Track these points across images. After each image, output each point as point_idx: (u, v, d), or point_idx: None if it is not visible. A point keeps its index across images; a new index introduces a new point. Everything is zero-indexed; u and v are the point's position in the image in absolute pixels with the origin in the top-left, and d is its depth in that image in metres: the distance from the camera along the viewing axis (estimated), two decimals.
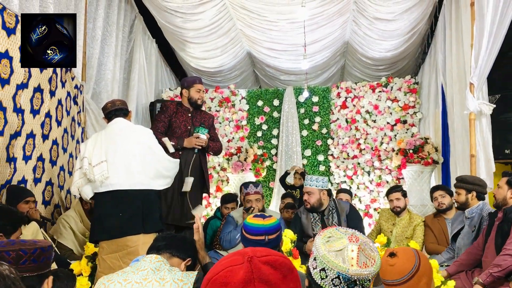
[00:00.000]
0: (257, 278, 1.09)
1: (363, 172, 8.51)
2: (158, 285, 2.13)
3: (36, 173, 4.43)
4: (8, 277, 1.00)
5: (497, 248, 3.64)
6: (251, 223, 2.52)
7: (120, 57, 6.77)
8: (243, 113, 8.99)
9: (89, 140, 3.65)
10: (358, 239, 1.58)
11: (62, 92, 4.94)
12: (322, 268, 1.54)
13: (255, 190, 4.65)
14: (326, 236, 1.62)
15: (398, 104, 8.40)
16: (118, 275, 2.23)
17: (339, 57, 8.81)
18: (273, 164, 8.85)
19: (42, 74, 4.42)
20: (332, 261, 1.52)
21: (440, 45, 6.80)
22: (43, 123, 4.51)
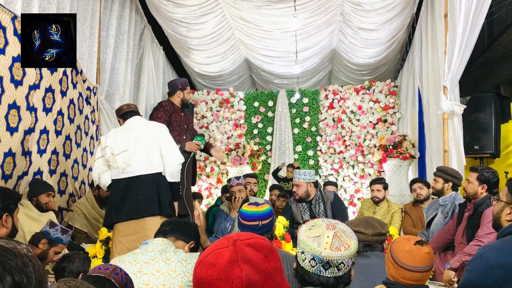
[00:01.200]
0: (240, 259, 1.11)
1: (348, 165, 8.53)
2: (165, 265, 2.14)
3: (51, 165, 4.43)
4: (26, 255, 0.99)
5: (468, 237, 3.65)
6: (246, 210, 2.53)
7: (131, 62, 6.75)
8: (241, 113, 8.99)
9: (110, 133, 3.67)
10: (335, 227, 1.62)
11: (73, 92, 4.93)
12: (302, 251, 1.61)
13: (237, 182, 4.79)
14: (310, 225, 1.67)
15: (379, 105, 8.42)
16: (129, 256, 2.24)
17: (327, 63, 8.82)
18: (268, 158, 8.86)
19: (53, 76, 4.41)
20: (309, 244, 1.59)
21: (417, 52, 6.81)
22: (56, 120, 4.50)
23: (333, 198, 4.55)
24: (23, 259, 0.98)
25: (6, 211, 2.44)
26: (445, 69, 5.08)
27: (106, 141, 3.61)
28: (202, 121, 8.96)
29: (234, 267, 1.09)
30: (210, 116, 8.99)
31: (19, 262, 0.96)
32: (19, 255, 0.98)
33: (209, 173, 8.87)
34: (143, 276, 2.11)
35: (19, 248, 1.01)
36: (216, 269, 1.10)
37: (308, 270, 1.59)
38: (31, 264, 0.99)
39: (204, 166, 8.89)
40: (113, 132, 3.68)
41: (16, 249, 1.00)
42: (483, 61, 6.74)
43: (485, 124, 6.08)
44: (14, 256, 0.94)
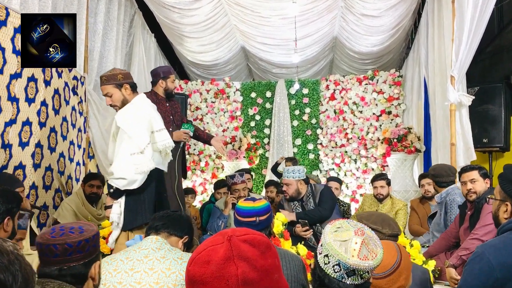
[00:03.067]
0: (236, 255, 1.11)
1: (350, 160, 8.54)
2: (159, 263, 2.15)
3: (35, 159, 4.42)
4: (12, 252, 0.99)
5: None
6: (242, 206, 2.55)
7: (121, 50, 6.73)
8: (237, 104, 8.99)
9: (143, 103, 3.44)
10: (364, 233, 1.62)
11: (59, 82, 4.91)
12: (326, 254, 1.61)
13: (241, 180, 4.73)
14: (336, 226, 1.67)
15: (383, 96, 8.42)
16: (121, 253, 2.25)
17: (328, 51, 8.81)
18: (266, 152, 8.86)
19: None
20: (335, 249, 1.58)
21: (423, 40, 6.81)
22: (39, 111, 4.49)
23: (322, 190, 4.54)
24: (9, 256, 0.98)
25: (9, 215, 2.46)
26: (453, 58, 5.09)
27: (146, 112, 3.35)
28: (196, 112, 8.95)
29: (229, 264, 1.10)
30: (205, 107, 8.98)
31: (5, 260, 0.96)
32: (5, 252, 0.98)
33: (203, 167, 8.87)
34: (135, 274, 2.12)
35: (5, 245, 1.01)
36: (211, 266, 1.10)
37: (329, 275, 1.60)
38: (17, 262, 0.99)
39: (198, 161, 8.89)
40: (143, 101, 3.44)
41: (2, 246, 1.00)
42: (493, 50, 6.75)
43: (494, 116, 6.09)
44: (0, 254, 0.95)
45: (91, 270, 1.77)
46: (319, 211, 4.35)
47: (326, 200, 4.45)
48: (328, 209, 4.39)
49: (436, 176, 4.53)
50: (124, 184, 3.18)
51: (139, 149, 3.20)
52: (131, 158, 3.18)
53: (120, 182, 3.18)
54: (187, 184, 8.48)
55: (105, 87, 3.41)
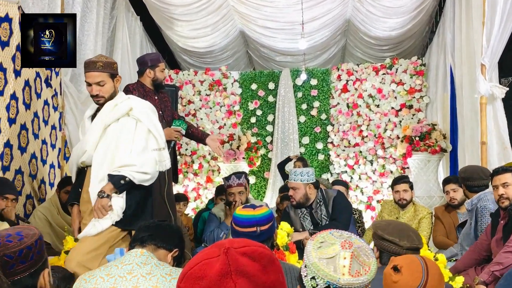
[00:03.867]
0: (234, 271, 1.10)
1: (365, 161, 8.54)
2: (144, 280, 2.14)
3: (4, 161, 4.40)
4: None
5: None
6: (241, 214, 2.53)
7: (102, 35, 6.71)
8: (236, 97, 8.98)
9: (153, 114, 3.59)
10: (352, 244, 1.58)
11: (29, 72, 4.89)
12: (312, 276, 1.56)
13: (237, 182, 4.65)
14: (319, 242, 1.63)
15: (403, 88, 8.41)
16: (100, 270, 2.24)
17: (340, 36, 8.80)
18: (268, 152, 8.86)
19: (4, 52, 4.37)
20: (322, 269, 1.54)
21: (449, 23, 6.79)
22: (9, 105, 4.46)
23: (335, 197, 4.50)
24: None
25: None
26: (483, 44, 5.07)
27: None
28: (189, 107, 8.95)
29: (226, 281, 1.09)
30: (198, 101, 8.98)
31: None
32: None
33: (197, 170, 8.87)
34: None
35: None
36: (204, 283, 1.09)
37: None
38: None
39: (191, 162, 8.89)
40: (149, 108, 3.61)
41: None
42: None
43: None
44: None
45: (39, 280, 1.75)
46: (334, 226, 4.29)
47: (341, 210, 4.40)
48: (344, 221, 4.35)
49: (466, 179, 4.50)
50: (143, 179, 3.32)
51: (158, 145, 3.44)
52: (154, 154, 3.40)
53: (140, 176, 3.29)
54: (178, 189, 8.48)
55: (100, 74, 3.47)
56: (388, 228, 2.68)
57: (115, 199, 3.27)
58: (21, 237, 1.74)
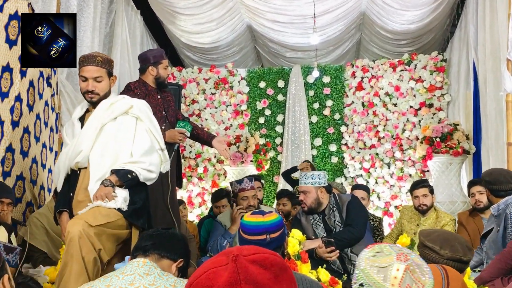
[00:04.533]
0: (243, 280, 1.09)
1: (382, 164, 8.52)
2: None
3: (5, 166, 4.41)
4: None
5: None
6: (249, 221, 2.53)
7: (99, 31, 6.73)
8: (243, 96, 8.99)
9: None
10: (408, 258, 1.60)
11: (34, 72, 4.91)
12: (361, 283, 1.60)
13: (251, 185, 4.63)
14: (374, 251, 1.67)
15: (423, 85, 8.39)
16: (100, 281, 2.25)
17: (354, 30, 8.79)
18: (278, 155, 8.86)
19: (11, 51, 4.40)
20: (372, 276, 1.58)
21: (472, 16, 6.77)
22: (13, 107, 4.47)
23: (349, 201, 4.48)
24: None
25: None
26: (509, 37, 5.05)
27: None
28: (193, 107, 8.97)
29: None
30: (203, 100, 9.00)
31: None
32: None
33: (201, 174, 8.89)
34: None
35: None
36: None
37: None
38: None
39: (195, 166, 8.90)
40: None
41: None
42: None
43: None
44: None
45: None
46: (350, 233, 4.27)
47: (356, 216, 4.37)
48: (360, 227, 4.32)
49: (491, 183, 4.47)
50: (149, 178, 3.42)
51: (160, 146, 3.57)
52: (159, 154, 3.54)
53: (146, 174, 3.38)
54: (182, 195, 8.50)
55: (99, 69, 3.51)
56: (432, 235, 2.67)
57: (119, 190, 3.29)
58: None
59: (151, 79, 4.49)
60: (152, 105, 4.37)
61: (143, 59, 4.55)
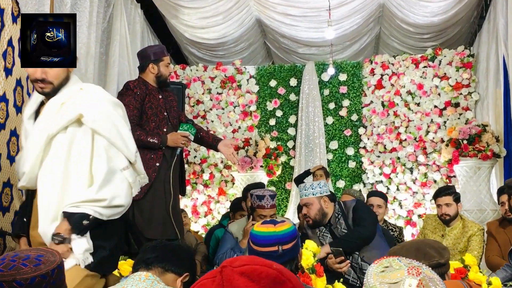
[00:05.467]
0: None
1: (404, 169, 8.49)
2: None
3: None
4: None
5: None
6: (260, 231, 2.53)
7: (96, 26, 6.75)
8: (252, 96, 8.99)
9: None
10: (420, 272, 1.60)
11: (21, 70, 4.93)
12: None
13: (271, 204, 4.61)
14: (383, 266, 1.66)
15: (448, 83, 8.36)
16: None
17: (373, 23, 8.78)
18: (290, 159, 8.85)
19: None
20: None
21: (502, 7, 6.75)
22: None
23: (354, 205, 4.46)
24: None
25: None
26: None
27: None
28: (197, 108, 8.98)
29: None
30: (208, 100, 9.01)
31: None
32: None
33: (207, 181, 8.89)
34: None
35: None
36: None
37: None
38: None
39: (200, 172, 8.91)
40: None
41: None
42: None
43: None
44: None
45: None
46: (357, 232, 4.28)
47: (362, 216, 4.37)
48: (369, 226, 4.32)
49: None
50: (115, 213, 2.90)
51: (127, 161, 3.01)
52: (125, 175, 2.98)
53: (110, 212, 2.87)
54: (186, 203, 8.52)
55: None
56: (401, 250, 2.68)
57: (76, 242, 2.80)
58: (38, 262, 1.73)
59: (152, 77, 4.50)
60: (153, 106, 4.39)
61: (142, 56, 4.56)
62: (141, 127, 4.35)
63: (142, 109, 4.35)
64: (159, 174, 4.29)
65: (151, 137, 4.27)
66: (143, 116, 4.34)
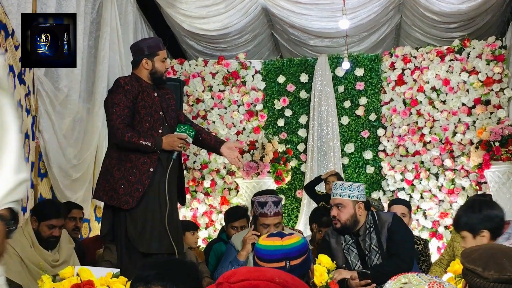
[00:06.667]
0: None
1: (429, 175, 8.47)
2: None
3: None
4: None
5: None
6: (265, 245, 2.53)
7: (84, 17, 6.77)
8: (258, 93, 9.00)
9: None
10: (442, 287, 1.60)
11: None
12: None
13: (275, 211, 4.58)
14: (401, 282, 1.66)
15: (477, 78, 8.35)
16: None
17: (393, 12, 8.78)
18: (301, 164, 8.85)
19: None
20: None
21: None
22: None
23: (391, 222, 4.42)
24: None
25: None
26: None
27: None
28: (197, 107, 8.99)
29: None
30: (209, 99, 9.02)
31: None
32: None
33: (208, 189, 8.89)
34: None
35: None
36: None
37: None
38: None
39: (200, 178, 8.92)
40: None
41: None
42: None
43: None
44: None
45: None
46: (395, 265, 4.16)
47: (402, 243, 4.28)
48: (408, 259, 4.24)
49: None
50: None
51: None
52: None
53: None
54: (185, 214, 8.51)
55: None
56: (474, 253, 2.61)
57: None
58: None
59: (146, 74, 4.47)
60: (147, 105, 4.37)
61: (135, 50, 4.54)
62: (133, 128, 4.30)
63: (135, 108, 4.31)
64: (153, 180, 4.26)
65: (144, 139, 4.21)
66: (135, 116, 4.30)
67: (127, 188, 4.16)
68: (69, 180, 6.24)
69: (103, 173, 4.37)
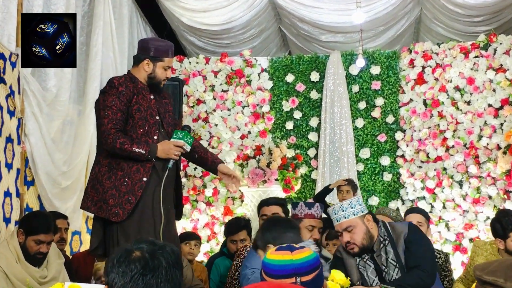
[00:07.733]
0: None
1: (452, 182, 8.46)
2: None
3: None
4: None
5: None
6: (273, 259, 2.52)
7: (75, 10, 6.80)
8: (265, 93, 9.00)
9: None
10: None
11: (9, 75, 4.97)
12: None
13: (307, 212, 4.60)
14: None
15: (505, 76, 8.33)
16: None
17: (412, 4, 8.78)
18: (312, 171, 8.85)
19: None
20: None
21: None
22: None
23: (407, 232, 4.39)
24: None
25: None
26: None
27: None
28: (198, 109, 9.00)
29: None
30: (211, 100, 9.03)
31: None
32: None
33: (210, 198, 8.89)
34: None
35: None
36: None
37: None
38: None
39: (201, 187, 8.92)
40: None
41: None
42: None
43: None
44: None
45: None
46: (418, 278, 4.16)
47: (423, 253, 4.28)
48: (430, 270, 4.23)
49: None
50: None
51: None
52: None
53: None
54: (184, 225, 8.51)
55: None
56: (491, 266, 2.64)
57: None
58: None
59: (144, 75, 4.44)
60: (142, 108, 4.34)
61: (142, 46, 4.48)
62: (125, 133, 4.29)
63: (128, 112, 4.29)
64: (146, 191, 4.23)
65: (137, 146, 4.18)
66: (129, 120, 4.27)
67: (118, 199, 4.15)
68: (58, 189, 6.24)
69: (91, 181, 4.35)
